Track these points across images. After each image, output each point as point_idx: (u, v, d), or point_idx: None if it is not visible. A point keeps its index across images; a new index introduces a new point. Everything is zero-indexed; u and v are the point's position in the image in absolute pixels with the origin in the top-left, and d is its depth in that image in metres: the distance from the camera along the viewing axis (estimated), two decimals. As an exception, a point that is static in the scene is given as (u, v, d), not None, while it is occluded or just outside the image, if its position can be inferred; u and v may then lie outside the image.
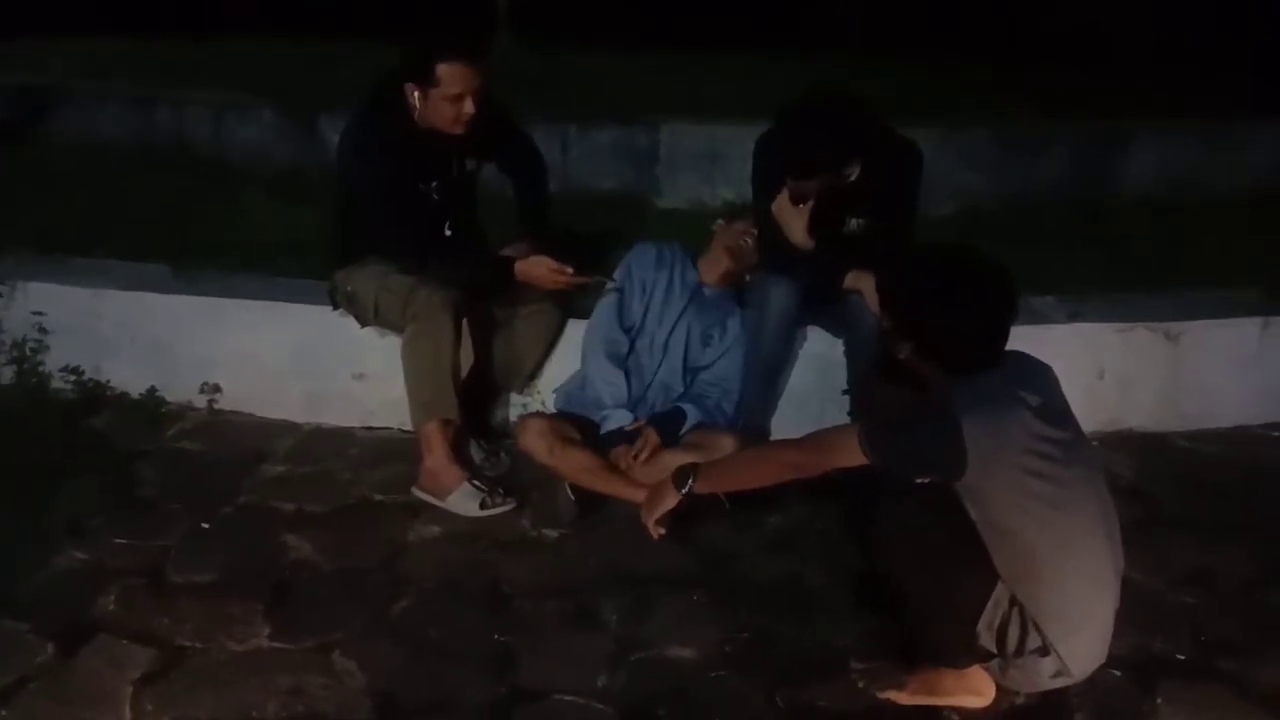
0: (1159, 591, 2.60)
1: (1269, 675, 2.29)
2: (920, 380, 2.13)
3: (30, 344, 3.48)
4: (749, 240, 3.09)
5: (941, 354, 2.06)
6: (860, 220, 3.04)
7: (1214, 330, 3.51)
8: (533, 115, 5.06)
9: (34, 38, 6.33)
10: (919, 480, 2.09)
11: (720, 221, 3.24)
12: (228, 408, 3.44)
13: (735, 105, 5.02)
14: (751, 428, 3.04)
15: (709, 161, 5.09)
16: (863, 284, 2.85)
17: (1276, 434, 3.50)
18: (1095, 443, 3.37)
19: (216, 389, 3.45)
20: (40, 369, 3.48)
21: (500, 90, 3.15)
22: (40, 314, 3.47)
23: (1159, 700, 2.20)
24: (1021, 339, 3.34)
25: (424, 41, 2.88)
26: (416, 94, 2.87)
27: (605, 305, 3.08)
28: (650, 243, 3.19)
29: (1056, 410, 2.03)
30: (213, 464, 3.14)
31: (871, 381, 2.42)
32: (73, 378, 3.46)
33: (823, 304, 3.06)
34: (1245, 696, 2.22)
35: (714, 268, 3.14)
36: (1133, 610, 2.46)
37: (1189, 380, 3.50)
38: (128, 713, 2.09)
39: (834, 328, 3.17)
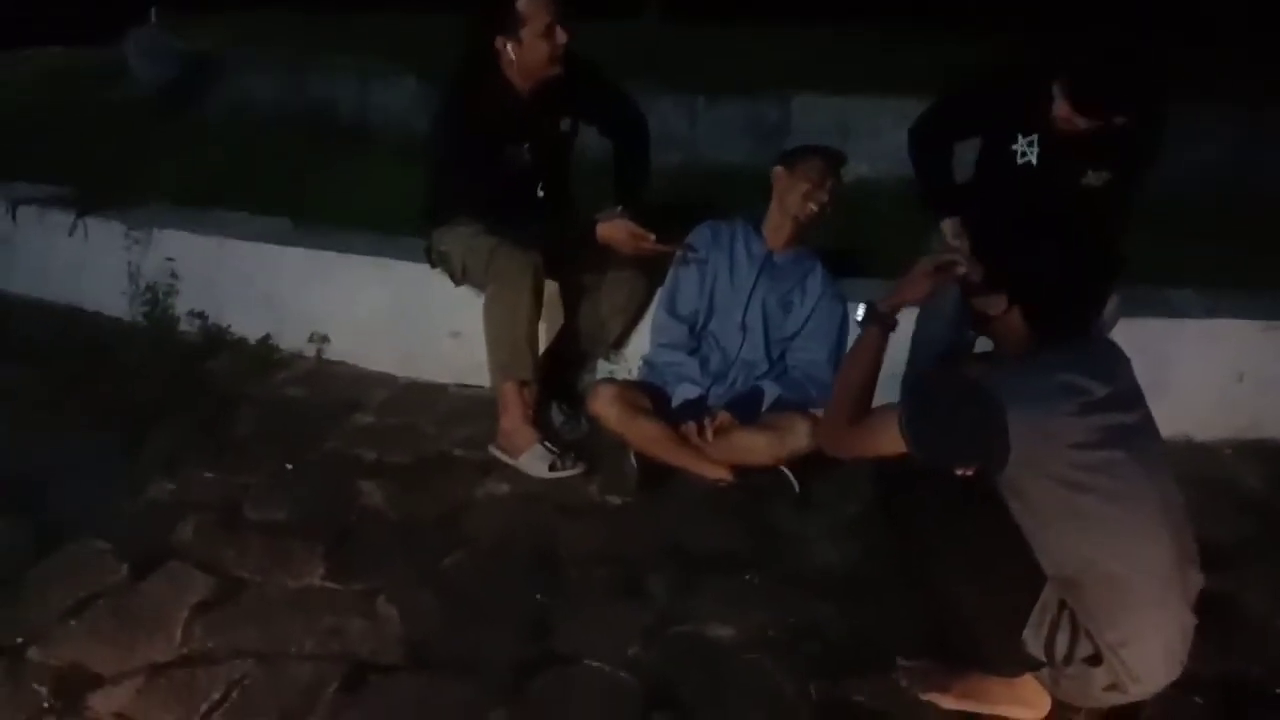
0: (1261, 616, 2.35)
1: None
2: (1001, 345, 1.99)
3: (163, 288, 3.73)
4: (814, 205, 2.92)
5: (1033, 305, 1.91)
6: (1104, 174, 2.79)
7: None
8: (662, 88, 5.09)
9: (203, 10, 6.72)
10: (959, 471, 1.95)
11: (778, 169, 2.99)
12: (333, 358, 3.59)
13: (865, 79, 4.84)
14: None
15: (840, 135, 4.91)
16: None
17: None
18: (1228, 450, 3.12)
19: (325, 339, 3.59)
20: (170, 312, 3.73)
21: (637, 66, 3.12)
22: (171, 260, 3.70)
23: (1240, 734, 1.99)
24: (1154, 334, 3.13)
25: None
26: (509, 45, 2.88)
27: (670, 280, 3.02)
28: (704, 224, 3.07)
29: (1123, 401, 1.85)
30: (309, 410, 3.27)
31: (937, 366, 2.28)
32: (198, 321, 3.69)
33: None
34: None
35: (779, 231, 2.99)
36: (1231, 633, 2.26)
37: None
38: (178, 635, 2.20)
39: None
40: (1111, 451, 1.80)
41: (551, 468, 2.89)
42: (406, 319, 3.49)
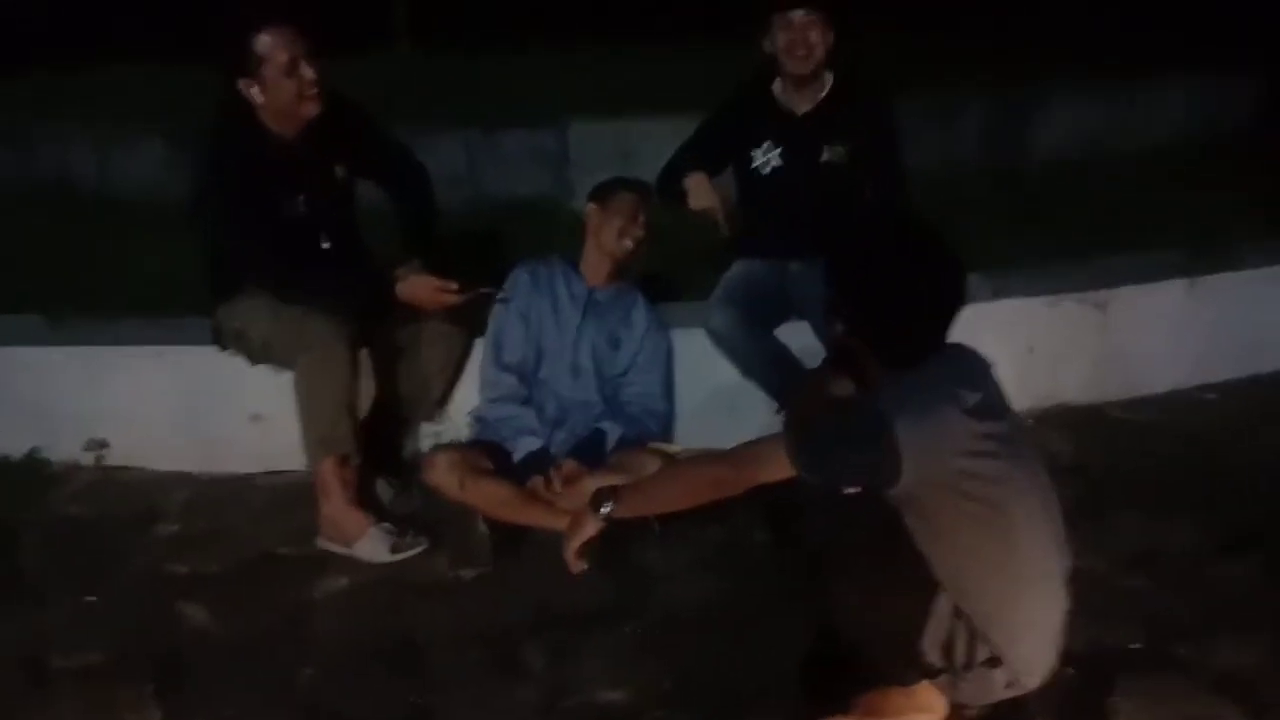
0: (1106, 577, 2.50)
1: (1224, 659, 2.19)
2: (858, 372, 1.99)
3: (-107, 412, 3.21)
4: (629, 241, 2.89)
5: (875, 338, 1.92)
6: (839, 147, 3.00)
7: (1141, 295, 3.44)
8: (435, 123, 4.92)
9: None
10: (849, 490, 1.96)
11: (591, 205, 2.95)
12: (117, 464, 3.20)
13: (641, 100, 4.87)
14: None
15: (622, 159, 4.91)
16: None
17: (1210, 396, 3.44)
18: (1030, 421, 3.30)
19: (103, 444, 3.20)
20: (-94, 438, 3.21)
21: (403, 99, 2.96)
22: (-99, 378, 3.20)
23: (1117, 697, 2.09)
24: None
25: (231, 31, 2.70)
26: (254, 89, 2.68)
27: (492, 330, 2.91)
28: (520, 268, 2.98)
29: (995, 407, 1.90)
30: (101, 528, 2.90)
31: (805, 384, 2.28)
32: (-57, 445, 3.20)
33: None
34: (1202, 684, 2.13)
35: (598, 269, 2.94)
36: (1082, 599, 2.35)
37: (1120, 348, 3.43)
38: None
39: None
40: (994, 458, 1.84)
41: (393, 550, 2.69)
42: (197, 409, 3.17)
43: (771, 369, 2.94)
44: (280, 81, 2.66)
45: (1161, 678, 2.15)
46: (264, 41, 2.64)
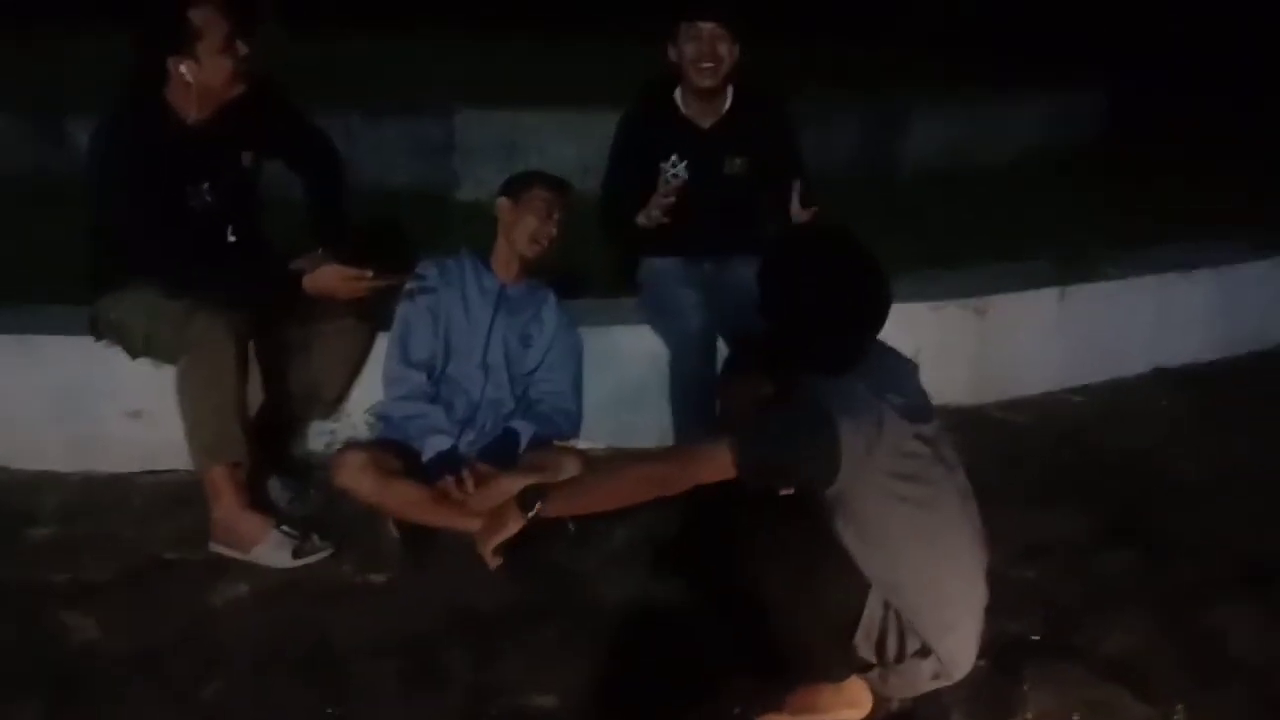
0: (1000, 570, 2.58)
1: (1114, 644, 2.33)
2: (784, 375, 2.03)
3: None
4: (542, 241, 2.82)
5: (806, 344, 1.96)
6: (740, 159, 3.04)
7: (1017, 302, 3.62)
8: (311, 107, 4.71)
9: None
10: (784, 490, 1.99)
11: (503, 200, 2.84)
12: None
13: (530, 90, 4.81)
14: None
15: (506, 151, 4.84)
16: None
17: (1078, 398, 3.66)
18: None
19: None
20: None
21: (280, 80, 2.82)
22: None
23: (1025, 686, 2.19)
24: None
25: (161, 3, 2.53)
26: (184, 65, 2.51)
27: (399, 325, 2.81)
28: (429, 261, 2.89)
29: (922, 408, 1.97)
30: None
31: (731, 382, 2.30)
32: None
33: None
34: (1098, 670, 2.25)
35: (508, 264, 2.87)
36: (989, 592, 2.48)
37: (997, 352, 3.60)
38: None
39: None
40: (921, 459, 1.91)
41: (295, 554, 2.57)
42: (69, 404, 2.95)
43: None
44: (215, 60, 2.50)
45: (1062, 666, 2.26)
46: (201, 14, 2.47)
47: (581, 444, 2.92)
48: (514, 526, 2.01)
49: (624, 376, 3.12)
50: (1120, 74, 6.30)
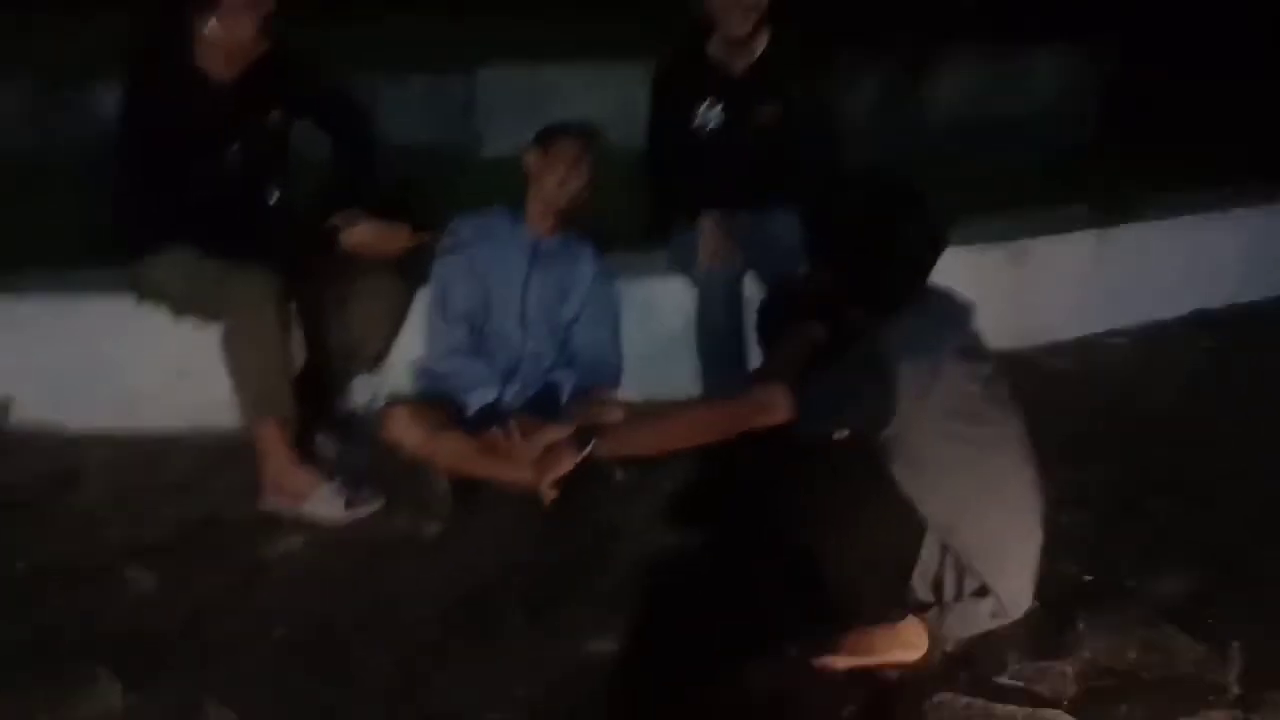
0: (1047, 513, 2.61)
1: (1166, 586, 2.33)
2: (840, 318, 2.02)
3: None
4: (571, 191, 2.77)
5: (863, 286, 1.95)
6: (772, 105, 3.00)
7: (1055, 246, 3.60)
8: (331, 67, 4.68)
9: None
10: (839, 435, 1.99)
11: (530, 154, 2.78)
12: (24, 425, 2.97)
13: (555, 49, 4.76)
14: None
15: (531, 109, 4.79)
16: None
17: (1118, 340, 3.65)
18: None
19: (5, 404, 2.96)
20: None
21: (298, 40, 2.81)
22: None
23: (1081, 626, 2.20)
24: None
25: None
26: (210, 22, 2.50)
27: (437, 281, 2.80)
28: (459, 221, 2.85)
29: (980, 349, 1.97)
30: (15, 493, 2.69)
31: (778, 328, 2.30)
32: None
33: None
34: (1151, 611, 2.25)
35: (543, 218, 2.83)
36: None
37: (1036, 297, 3.58)
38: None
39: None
40: (978, 399, 1.91)
41: (348, 506, 2.60)
42: (114, 364, 2.96)
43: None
44: (240, 15, 2.47)
45: (1117, 608, 2.26)
46: None
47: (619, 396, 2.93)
48: (568, 464, 2.04)
49: (657, 329, 3.12)
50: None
